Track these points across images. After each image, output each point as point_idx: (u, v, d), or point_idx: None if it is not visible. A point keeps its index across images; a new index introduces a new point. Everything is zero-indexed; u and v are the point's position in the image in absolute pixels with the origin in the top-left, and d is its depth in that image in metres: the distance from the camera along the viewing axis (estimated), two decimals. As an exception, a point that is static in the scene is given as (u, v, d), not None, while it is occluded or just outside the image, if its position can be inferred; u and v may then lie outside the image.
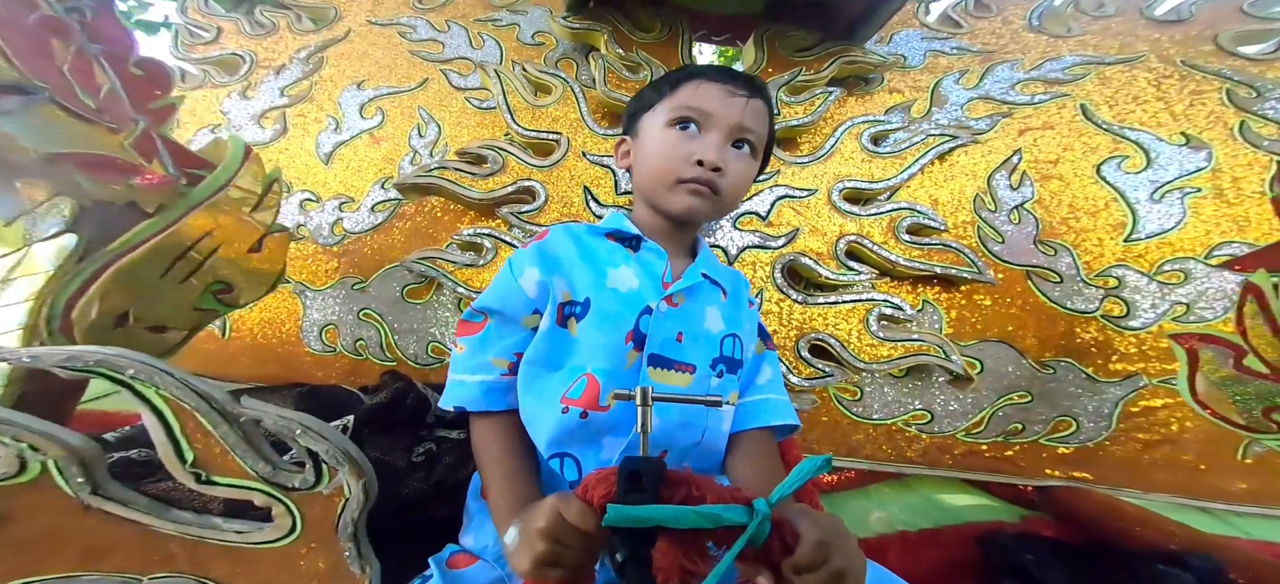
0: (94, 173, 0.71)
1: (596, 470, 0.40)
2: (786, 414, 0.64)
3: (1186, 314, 1.18)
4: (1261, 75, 1.23)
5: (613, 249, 0.62)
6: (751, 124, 0.59)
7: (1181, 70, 1.27)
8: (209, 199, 0.81)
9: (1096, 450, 1.19)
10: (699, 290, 0.62)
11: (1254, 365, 0.96)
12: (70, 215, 0.70)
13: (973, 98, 1.33)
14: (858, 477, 1.20)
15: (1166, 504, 1.11)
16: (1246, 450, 1.11)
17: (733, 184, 0.59)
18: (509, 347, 0.59)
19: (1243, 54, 1.25)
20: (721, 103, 0.59)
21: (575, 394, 0.54)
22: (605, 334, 0.56)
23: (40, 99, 0.68)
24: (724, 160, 0.58)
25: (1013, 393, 1.21)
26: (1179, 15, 1.31)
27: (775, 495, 0.38)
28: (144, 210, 0.75)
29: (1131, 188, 1.24)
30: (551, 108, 1.32)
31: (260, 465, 0.55)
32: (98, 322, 0.70)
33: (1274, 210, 0.98)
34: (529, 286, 0.59)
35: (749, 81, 0.62)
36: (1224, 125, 1.22)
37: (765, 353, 0.68)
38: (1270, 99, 1.21)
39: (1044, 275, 1.23)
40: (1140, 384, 1.18)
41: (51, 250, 0.69)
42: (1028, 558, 0.92)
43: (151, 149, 0.78)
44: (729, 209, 0.62)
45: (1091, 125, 1.28)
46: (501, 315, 0.59)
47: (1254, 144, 1.20)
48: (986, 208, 1.27)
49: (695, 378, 0.58)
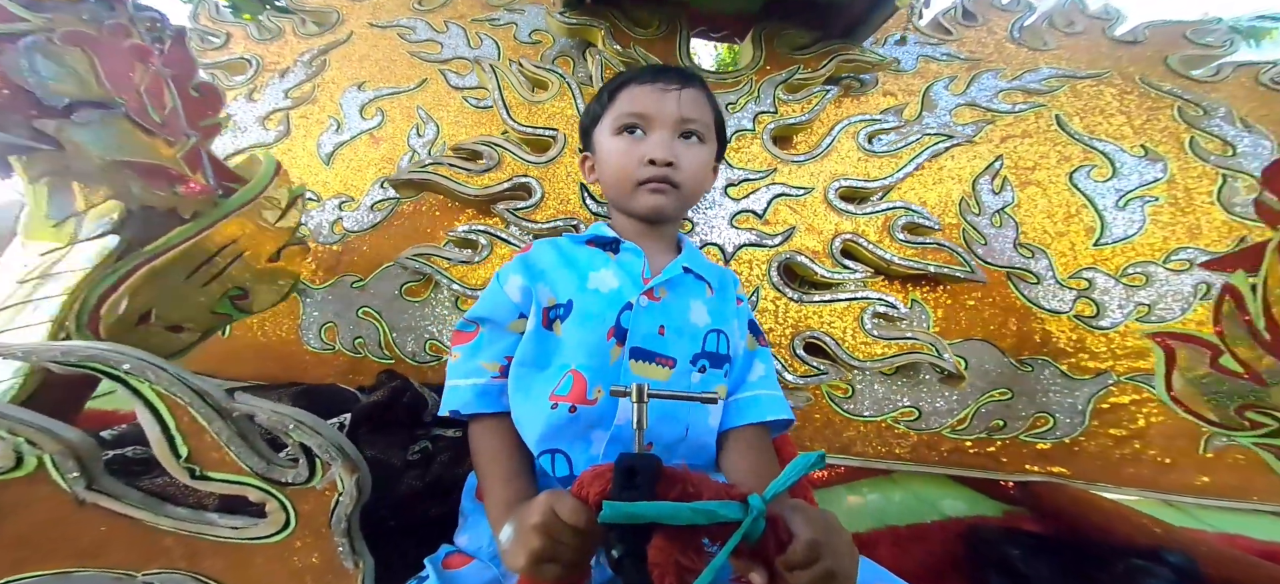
0: (147, 180, 0.78)
1: (591, 467, 0.40)
2: (779, 409, 0.64)
3: (1149, 314, 1.24)
4: (1206, 95, 1.32)
5: (593, 254, 0.64)
6: (691, 113, 0.62)
7: (1140, 87, 1.35)
8: (239, 209, 0.88)
9: (1072, 446, 1.23)
10: (681, 284, 0.63)
11: (1229, 365, 0.99)
12: (118, 219, 0.75)
13: (960, 103, 1.36)
14: (849, 473, 1.22)
15: (1137, 498, 1.14)
16: (1207, 445, 1.17)
17: (690, 173, 0.62)
18: (499, 351, 0.61)
19: (1191, 75, 1.34)
20: (657, 102, 0.61)
21: (563, 391, 0.56)
22: (587, 331, 0.57)
23: (117, 113, 0.76)
24: (674, 154, 0.61)
25: (995, 390, 1.25)
26: (1135, 37, 1.40)
27: (770, 492, 0.38)
28: (181, 217, 0.82)
29: (1100, 195, 1.30)
30: (548, 103, 1.32)
31: (254, 461, 0.55)
32: (123, 318, 0.73)
33: (1258, 213, 1.01)
34: (513, 293, 0.61)
35: (679, 73, 0.64)
36: (1176, 140, 1.31)
37: (758, 349, 0.68)
38: (1215, 117, 1.30)
39: (1023, 277, 1.28)
40: (1109, 381, 1.23)
41: (93, 249, 0.73)
42: (1012, 553, 0.95)
43: (197, 162, 0.86)
44: (693, 199, 0.65)
45: (1065, 135, 1.34)
46: (491, 323, 0.62)
47: (1202, 157, 1.29)
48: (971, 211, 1.31)
49: (675, 372, 0.59)
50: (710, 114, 0.64)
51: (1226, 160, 1.28)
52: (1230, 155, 1.28)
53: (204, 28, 1.45)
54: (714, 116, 0.65)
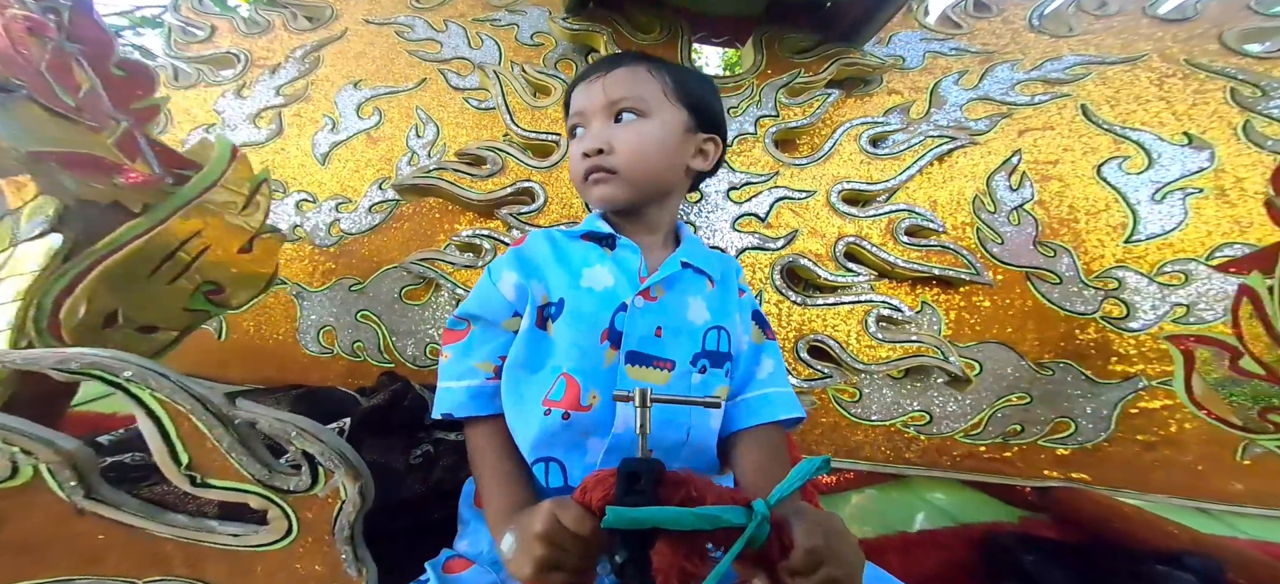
0: (78, 171, 0.71)
1: (594, 472, 0.40)
2: (790, 406, 0.62)
3: (1186, 315, 1.18)
4: (1267, 73, 1.22)
5: (588, 249, 0.61)
6: (618, 93, 0.60)
7: (1185, 69, 1.26)
8: (195, 199, 0.81)
9: (1095, 452, 1.19)
10: (680, 280, 0.60)
11: (1249, 366, 0.97)
12: (55, 215, 0.69)
13: (972, 99, 1.33)
14: (857, 478, 1.20)
15: (1165, 505, 1.11)
16: (1244, 452, 1.12)
17: (625, 153, 0.59)
18: (492, 350, 0.58)
19: (1248, 52, 1.25)
20: (586, 96, 0.62)
21: (556, 396, 0.54)
22: (580, 333, 0.55)
23: (18, 97, 0.68)
24: (605, 139, 0.59)
25: (1011, 394, 1.21)
26: (1183, 13, 1.30)
27: (774, 496, 0.37)
28: (130, 210, 0.75)
29: (1132, 189, 1.24)
30: (551, 109, 1.32)
31: (256, 468, 0.55)
32: (86, 321, 0.69)
33: (1267, 214, 0.98)
34: (507, 290, 0.59)
35: (608, 59, 0.64)
36: (1228, 124, 1.22)
37: (764, 343, 0.66)
38: (1275, 98, 1.21)
39: (1043, 277, 1.23)
40: (1139, 386, 1.18)
41: (38, 250, 0.68)
42: (1028, 559, 0.92)
43: (135, 149, 0.78)
44: (642, 177, 0.60)
45: (1092, 126, 1.28)
46: (483, 320, 0.59)
47: (1258, 144, 1.20)
48: (986, 209, 1.28)
49: (674, 374, 0.56)
50: (651, 85, 0.61)
51: (1288, 146, 1.18)
52: (1292, 140, 1.17)
53: (186, 19, 1.42)
54: (666, 84, 0.61)
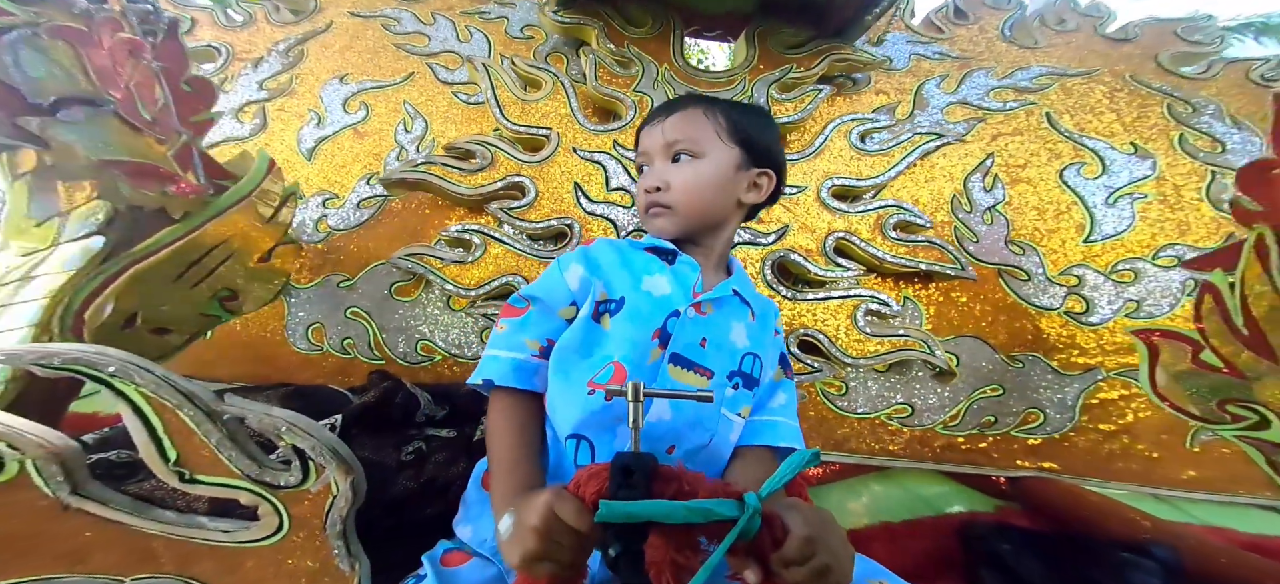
0: (136, 180, 0.76)
1: (588, 467, 0.41)
2: (793, 438, 0.66)
3: (1137, 310, 1.25)
4: (1196, 92, 1.34)
5: (650, 260, 0.67)
6: (675, 135, 0.67)
7: (1130, 85, 1.37)
8: (230, 208, 0.86)
9: (1062, 441, 1.24)
10: (727, 304, 0.66)
11: (1210, 360, 1.02)
12: (104, 219, 0.74)
13: (951, 102, 1.37)
14: (842, 470, 1.23)
15: (1126, 492, 1.16)
16: (1193, 439, 1.18)
17: (679, 191, 0.66)
18: (544, 331, 0.63)
19: (1181, 73, 1.36)
20: (649, 138, 0.70)
21: (603, 379, 0.58)
22: (635, 328, 0.60)
23: (105, 111, 0.74)
24: (663, 178, 0.66)
25: (986, 386, 1.26)
26: (1126, 34, 1.41)
27: (765, 489, 0.39)
28: (170, 216, 0.80)
29: (1090, 192, 1.31)
30: (541, 103, 1.31)
31: (246, 464, 0.54)
32: (108, 322, 0.72)
33: (1232, 213, 1.03)
34: (572, 281, 0.64)
35: (668, 104, 0.71)
36: (1166, 137, 1.33)
37: (784, 381, 0.71)
38: (1204, 114, 1.32)
39: (1014, 274, 1.29)
40: (1098, 377, 1.24)
41: (77, 251, 0.72)
42: (1004, 548, 0.96)
43: (188, 160, 0.84)
44: (694, 212, 0.67)
45: (1056, 133, 1.35)
46: (543, 303, 0.64)
47: (1192, 155, 1.31)
48: (963, 208, 1.32)
49: (712, 384, 0.61)
50: (705, 127, 0.67)
51: (1216, 157, 1.29)
52: (1220, 152, 1.30)
53: (163, 10, 1.40)
54: (720, 125, 0.67)
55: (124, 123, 0.75)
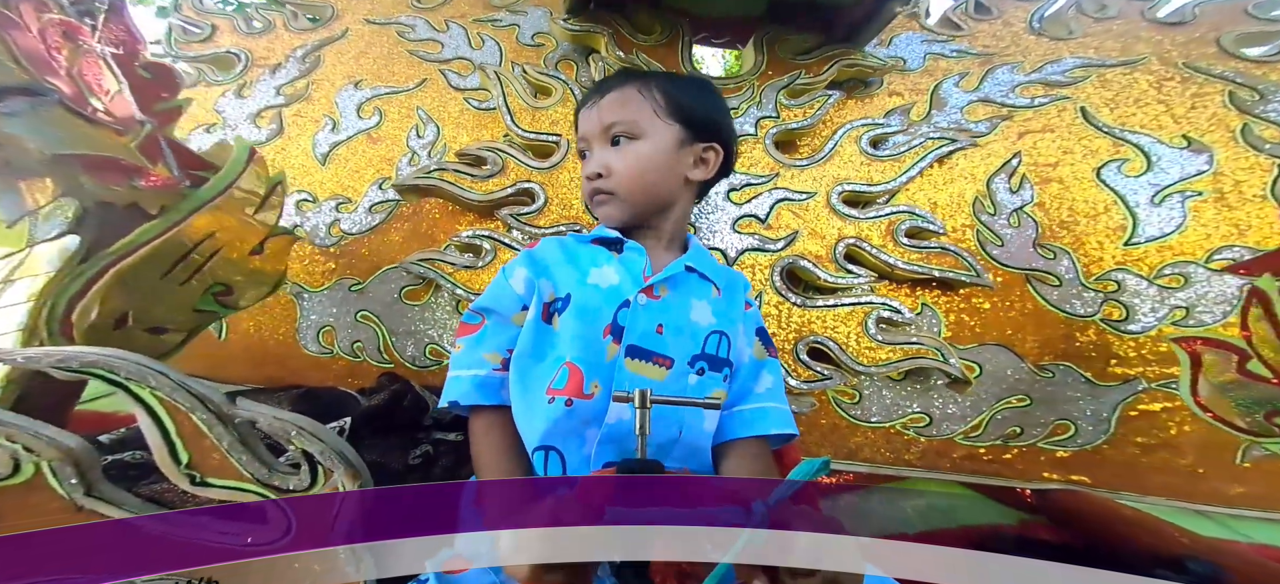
0: (98, 174, 0.71)
1: (593, 474, 0.40)
2: (784, 423, 0.63)
3: (1186, 318, 1.17)
4: (1264, 77, 1.22)
5: (597, 252, 0.65)
6: (611, 117, 0.64)
7: (1183, 72, 1.26)
8: (212, 201, 0.81)
9: (1094, 454, 1.18)
10: (684, 282, 0.63)
11: (1257, 370, 0.96)
12: (73, 217, 0.70)
13: (972, 100, 1.33)
14: (856, 480, 1.20)
15: (1164, 507, 1.10)
16: (1244, 454, 1.11)
17: (621, 175, 0.63)
18: (502, 342, 0.61)
19: (1246, 56, 1.25)
20: (586, 121, 0.67)
21: (559, 384, 0.56)
22: (583, 325, 0.58)
23: (48, 101, 0.68)
24: (603, 163, 0.64)
25: (1011, 396, 1.21)
26: (1182, 17, 1.30)
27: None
28: (147, 212, 0.75)
29: (1131, 191, 1.23)
30: (551, 110, 1.32)
31: (256, 467, 0.55)
32: (97, 323, 0.70)
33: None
34: (518, 285, 0.62)
35: (601, 84, 0.68)
36: (1226, 128, 1.22)
37: (766, 360, 0.67)
38: (1273, 101, 1.20)
39: (1043, 279, 1.23)
40: (1139, 388, 1.18)
41: (53, 252, 0.69)
42: (1027, 562, 0.92)
43: (156, 151, 0.78)
44: (639, 196, 0.64)
45: (1091, 128, 1.27)
46: (496, 314, 0.62)
47: (1256, 147, 1.20)
48: (986, 211, 1.27)
49: (671, 372, 0.58)
50: (641, 106, 0.63)
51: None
52: (1290, 144, 1.18)
53: (187, 18, 1.43)
54: (656, 103, 0.64)
55: (73, 114, 0.70)
